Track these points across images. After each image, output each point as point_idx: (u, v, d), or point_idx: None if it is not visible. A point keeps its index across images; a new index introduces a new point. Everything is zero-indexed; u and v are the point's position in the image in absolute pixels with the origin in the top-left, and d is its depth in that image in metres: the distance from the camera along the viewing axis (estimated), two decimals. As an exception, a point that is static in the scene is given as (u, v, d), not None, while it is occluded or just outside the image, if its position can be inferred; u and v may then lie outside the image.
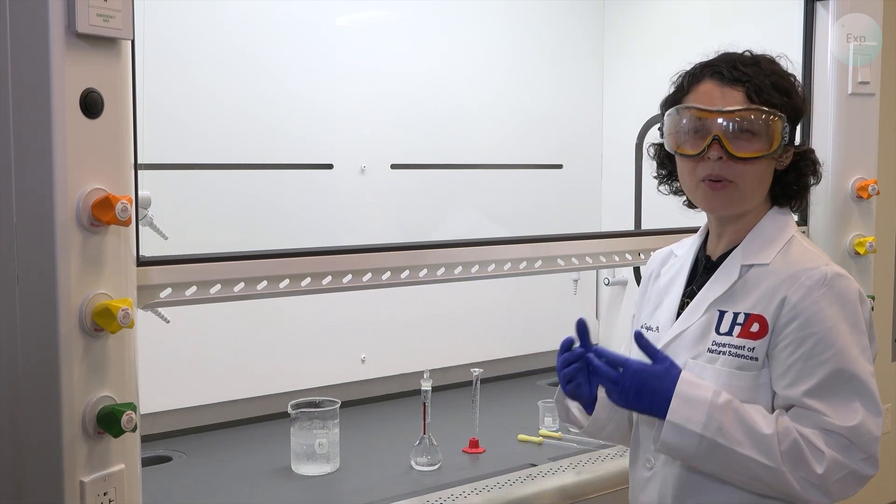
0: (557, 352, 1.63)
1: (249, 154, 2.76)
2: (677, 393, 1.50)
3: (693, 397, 1.50)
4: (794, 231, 1.65)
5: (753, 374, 1.55)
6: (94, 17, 1.49)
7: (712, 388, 1.52)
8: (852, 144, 2.81)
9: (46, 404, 1.52)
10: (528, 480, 2.32)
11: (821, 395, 1.49)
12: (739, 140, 1.56)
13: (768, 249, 1.61)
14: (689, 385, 1.52)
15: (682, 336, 1.65)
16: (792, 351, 1.52)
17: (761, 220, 1.65)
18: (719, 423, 1.48)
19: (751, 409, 1.51)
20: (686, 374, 1.54)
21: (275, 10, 2.78)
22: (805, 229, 2.80)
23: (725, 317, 1.60)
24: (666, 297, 1.74)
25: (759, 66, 1.60)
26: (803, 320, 1.52)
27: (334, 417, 2.43)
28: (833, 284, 1.53)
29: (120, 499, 1.59)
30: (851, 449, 1.47)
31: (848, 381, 1.49)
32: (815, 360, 1.50)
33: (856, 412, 1.48)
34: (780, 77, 1.62)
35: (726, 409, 1.49)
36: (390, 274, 2.09)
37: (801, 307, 1.53)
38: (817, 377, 1.50)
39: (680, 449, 1.52)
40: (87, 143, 1.52)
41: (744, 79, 1.58)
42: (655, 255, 1.86)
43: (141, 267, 1.69)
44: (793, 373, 1.52)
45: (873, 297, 2.81)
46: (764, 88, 1.57)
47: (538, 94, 3.42)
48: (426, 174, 3.16)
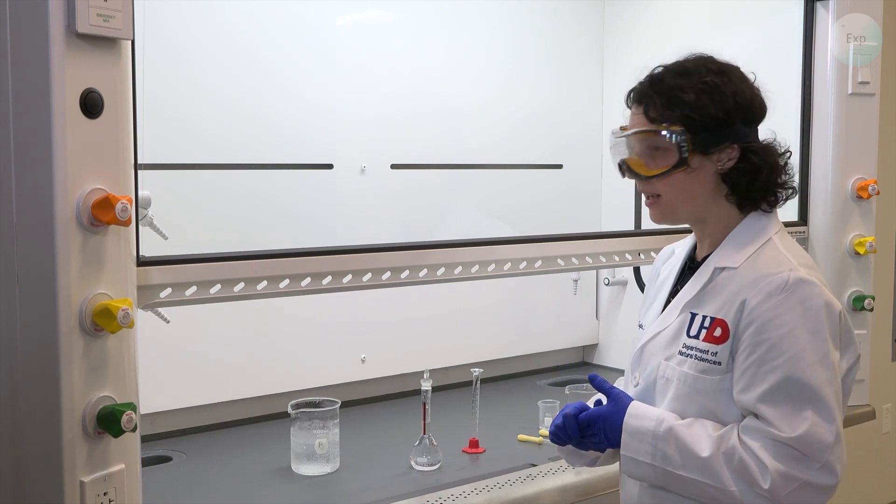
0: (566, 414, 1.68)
1: (249, 154, 2.76)
2: (625, 427, 1.59)
3: (638, 430, 1.58)
4: (774, 234, 1.64)
5: (717, 378, 1.56)
6: (94, 17, 1.49)
7: (655, 417, 1.58)
8: (852, 144, 2.81)
9: (46, 404, 1.52)
10: (528, 480, 2.32)
11: (771, 402, 1.49)
12: (650, 157, 1.62)
13: (740, 253, 1.62)
14: (635, 417, 1.59)
15: (658, 336, 1.68)
16: (746, 356, 1.53)
17: (740, 224, 1.65)
18: (663, 451, 1.55)
19: (696, 431, 1.54)
20: (633, 407, 1.61)
21: (274, 10, 2.78)
22: (805, 229, 2.80)
23: (696, 319, 1.62)
24: (658, 295, 1.77)
25: (662, 81, 1.64)
26: (758, 325, 1.52)
27: (334, 417, 2.43)
28: (794, 290, 1.52)
29: (120, 499, 1.59)
30: (802, 460, 1.46)
31: (800, 389, 1.48)
32: (766, 367, 1.50)
33: (804, 420, 1.47)
34: (678, 89, 1.61)
35: (668, 437, 1.55)
36: (390, 274, 2.09)
37: (757, 312, 1.53)
38: (767, 383, 1.50)
39: (640, 477, 1.61)
40: (87, 143, 1.52)
41: (642, 99, 1.64)
42: (661, 253, 1.89)
43: (141, 267, 1.69)
44: (746, 378, 1.52)
45: (873, 297, 2.81)
46: (656, 105, 1.62)
47: (538, 94, 3.42)
48: (426, 174, 3.16)
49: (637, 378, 1.71)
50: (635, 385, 1.71)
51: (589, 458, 1.79)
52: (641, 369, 1.70)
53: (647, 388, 1.67)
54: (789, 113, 2.84)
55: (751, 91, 1.65)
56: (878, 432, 4.27)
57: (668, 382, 1.63)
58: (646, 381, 1.68)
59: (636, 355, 1.72)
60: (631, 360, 1.74)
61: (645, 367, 1.69)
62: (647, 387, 1.67)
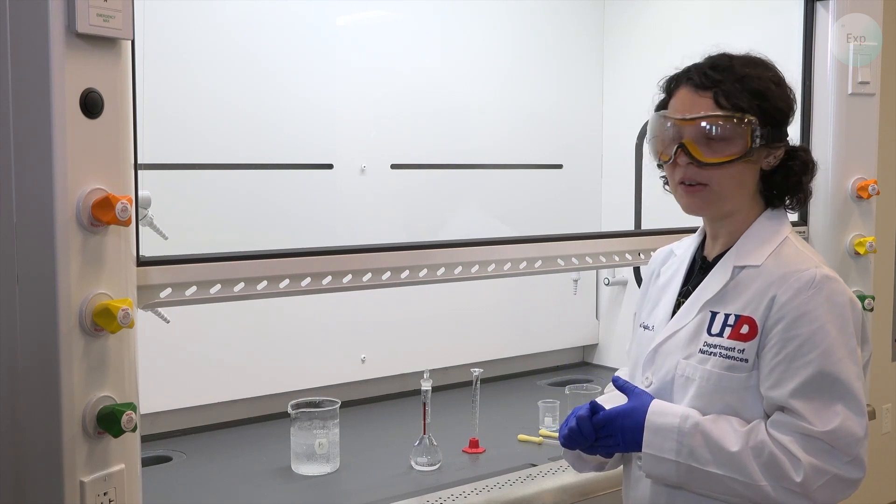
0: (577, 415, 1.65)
1: (249, 154, 2.76)
2: (647, 425, 1.57)
3: (662, 426, 1.56)
4: (789, 233, 1.65)
5: (744, 376, 1.56)
6: (94, 17, 1.49)
7: (680, 413, 1.56)
8: (852, 144, 2.81)
9: (46, 404, 1.52)
10: (528, 480, 2.32)
11: (803, 397, 1.49)
12: (710, 144, 1.58)
13: (760, 251, 1.62)
14: (658, 415, 1.57)
15: (675, 336, 1.67)
16: (777, 352, 1.53)
17: (755, 221, 1.66)
18: (690, 447, 1.53)
19: (722, 427, 1.53)
20: (655, 405, 1.59)
21: (274, 10, 2.78)
22: (805, 229, 2.80)
23: (717, 318, 1.61)
24: (663, 296, 1.76)
25: (732, 69, 1.61)
26: (789, 321, 1.52)
27: (334, 417, 2.43)
28: (822, 286, 1.53)
29: (120, 499, 1.59)
30: (833, 453, 1.47)
31: (831, 384, 1.49)
32: (799, 362, 1.50)
33: (836, 415, 1.48)
34: (753, 79, 1.60)
35: (694, 432, 1.53)
36: (390, 274, 2.09)
37: (788, 308, 1.53)
38: (800, 378, 1.50)
39: (662, 476, 1.58)
40: (87, 143, 1.52)
41: (713, 84, 1.60)
42: (656, 254, 1.87)
43: (141, 267, 1.69)
44: (777, 373, 1.52)
45: (873, 297, 2.81)
46: (732, 93, 1.58)
47: (538, 94, 3.42)
48: (426, 174, 3.16)
49: (650, 378, 1.69)
50: (647, 385, 1.69)
51: (595, 464, 1.78)
52: (655, 369, 1.68)
53: (664, 387, 1.65)
54: (789, 113, 2.84)
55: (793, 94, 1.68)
56: (878, 432, 4.27)
57: (688, 381, 1.61)
58: (661, 381, 1.66)
59: (649, 356, 1.70)
60: (641, 360, 1.72)
61: (660, 367, 1.67)
62: (663, 386, 1.66)
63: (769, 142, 1.60)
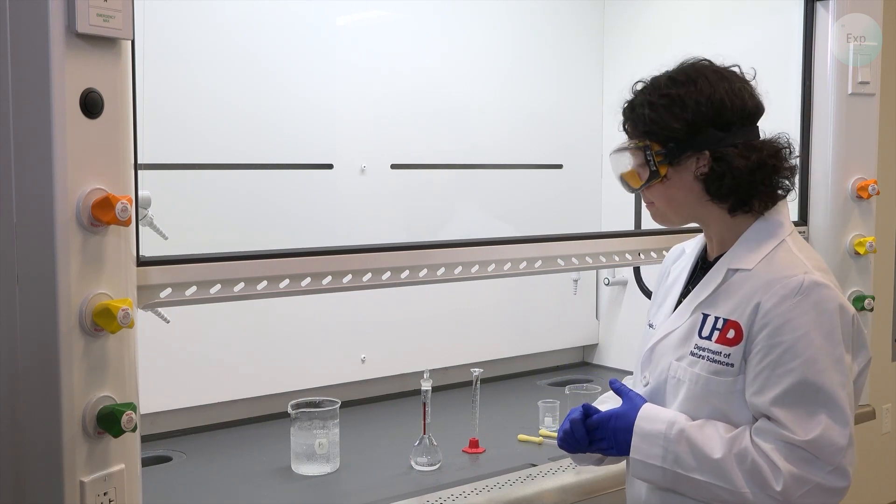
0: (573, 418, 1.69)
1: (249, 154, 2.76)
2: (636, 430, 1.60)
3: (649, 433, 1.58)
4: (787, 236, 1.63)
5: (730, 381, 1.56)
6: (94, 17, 1.49)
7: (667, 419, 1.58)
8: (852, 144, 2.81)
9: (46, 404, 1.52)
10: (528, 480, 2.32)
11: (784, 405, 1.49)
12: (631, 172, 1.69)
13: (753, 254, 1.62)
14: (647, 420, 1.60)
15: (669, 336, 1.68)
16: (761, 359, 1.53)
17: (753, 225, 1.65)
18: (675, 454, 1.55)
19: (708, 433, 1.54)
20: (645, 409, 1.61)
21: (274, 10, 2.78)
22: (805, 229, 2.80)
23: (708, 321, 1.62)
24: (668, 295, 1.77)
25: (634, 99, 1.70)
26: (773, 328, 1.52)
27: (334, 417, 2.43)
28: (809, 293, 1.52)
29: (120, 499, 1.59)
30: (815, 462, 1.47)
31: (815, 393, 1.49)
32: (781, 369, 1.50)
33: (818, 424, 1.47)
34: (645, 106, 1.65)
35: (680, 439, 1.55)
36: (390, 274, 2.09)
37: (772, 315, 1.53)
38: (782, 386, 1.50)
39: (649, 479, 1.61)
40: (87, 143, 1.52)
41: (624, 120, 1.72)
42: (670, 252, 1.89)
43: (141, 267, 1.69)
44: (760, 380, 1.52)
45: (873, 297, 2.81)
46: (630, 124, 1.69)
47: (538, 94, 3.41)
48: (426, 174, 3.16)
49: (647, 377, 1.70)
50: (645, 384, 1.70)
51: (595, 458, 1.78)
52: (652, 369, 1.70)
53: (658, 387, 1.67)
54: (789, 113, 2.84)
55: (728, 94, 1.62)
56: (878, 432, 4.27)
57: (679, 383, 1.62)
58: (656, 381, 1.68)
59: (646, 355, 1.72)
60: (640, 359, 1.74)
61: (655, 366, 1.69)
62: (657, 386, 1.67)
63: (671, 159, 1.62)
